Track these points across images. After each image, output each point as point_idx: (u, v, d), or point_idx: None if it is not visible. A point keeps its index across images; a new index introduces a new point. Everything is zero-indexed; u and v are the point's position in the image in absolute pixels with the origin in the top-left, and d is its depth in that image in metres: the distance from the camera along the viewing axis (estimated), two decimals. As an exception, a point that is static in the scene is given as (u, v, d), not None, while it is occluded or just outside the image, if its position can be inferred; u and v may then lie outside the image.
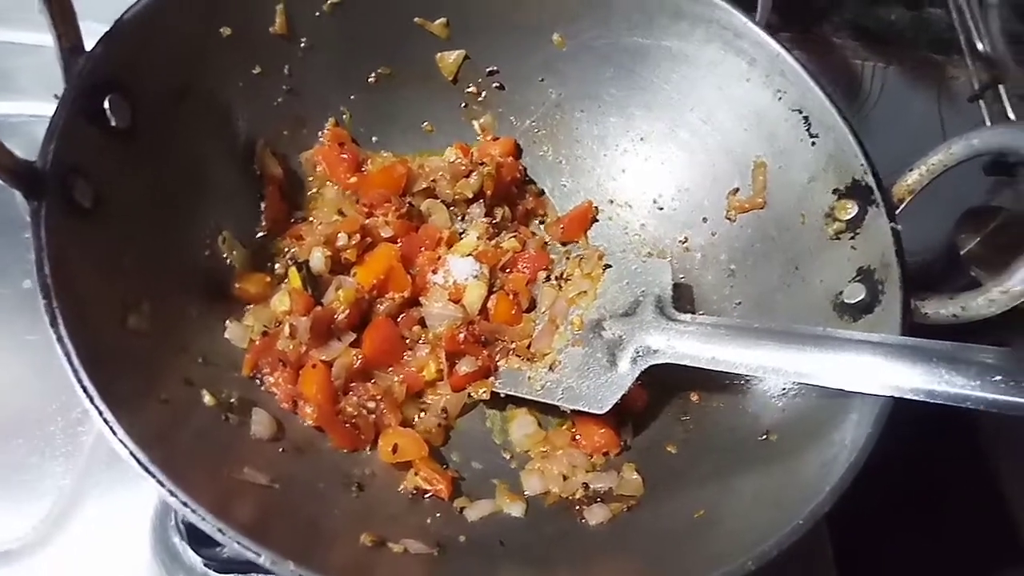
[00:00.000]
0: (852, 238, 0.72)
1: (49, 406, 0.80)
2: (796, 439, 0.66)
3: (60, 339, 0.53)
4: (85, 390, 0.51)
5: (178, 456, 0.55)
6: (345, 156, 0.85)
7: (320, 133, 0.86)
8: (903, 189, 0.72)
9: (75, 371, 0.52)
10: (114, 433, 0.50)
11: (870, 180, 0.72)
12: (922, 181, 0.72)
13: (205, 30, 0.75)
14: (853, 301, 0.70)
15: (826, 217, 0.75)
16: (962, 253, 1.12)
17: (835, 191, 0.74)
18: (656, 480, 0.71)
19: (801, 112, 0.77)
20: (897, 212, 0.71)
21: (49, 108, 1.04)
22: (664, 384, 0.79)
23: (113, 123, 0.65)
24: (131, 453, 0.49)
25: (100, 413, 0.51)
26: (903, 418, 0.60)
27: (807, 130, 0.77)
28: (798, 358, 0.65)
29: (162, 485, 0.49)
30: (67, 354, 0.52)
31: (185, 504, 0.50)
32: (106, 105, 0.65)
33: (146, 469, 0.49)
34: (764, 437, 0.69)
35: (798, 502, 0.57)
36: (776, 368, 0.65)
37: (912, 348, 0.62)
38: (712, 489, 0.67)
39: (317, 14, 0.82)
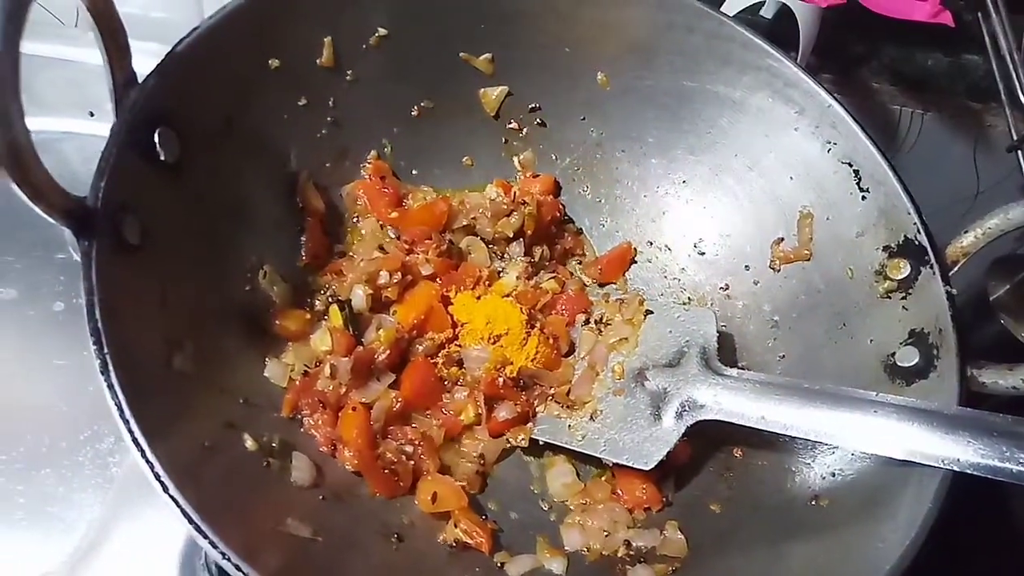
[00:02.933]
0: (904, 298, 0.71)
1: (79, 435, 0.78)
2: (848, 508, 0.65)
3: (111, 387, 0.51)
4: (136, 443, 0.50)
5: (221, 504, 0.53)
6: (386, 190, 0.84)
7: (362, 166, 0.85)
8: (957, 251, 0.71)
9: (126, 422, 0.50)
10: (166, 490, 0.49)
11: (923, 240, 0.71)
12: (977, 244, 0.71)
13: (254, 62, 0.74)
14: (907, 365, 0.69)
15: (876, 274, 0.74)
16: (991, 300, 1.11)
17: (886, 248, 0.73)
18: (700, 541, 0.70)
19: (851, 165, 0.76)
20: (951, 274, 0.70)
21: (78, 124, 1.05)
22: (705, 436, 0.77)
23: (162, 157, 0.64)
24: (186, 514, 0.48)
25: (151, 467, 0.49)
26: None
27: (857, 184, 0.76)
28: (852, 424, 0.64)
29: (214, 547, 0.48)
30: (118, 405, 0.51)
31: (225, 555, 0.49)
32: (156, 139, 0.64)
33: (200, 531, 0.48)
34: (814, 503, 0.68)
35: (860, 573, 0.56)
36: (829, 434, 0.64)
37: (972, 420, 0.60)
38: (760, 555, 0.65)
39: (364, 47, 0.81)
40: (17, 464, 0.77)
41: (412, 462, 0.71)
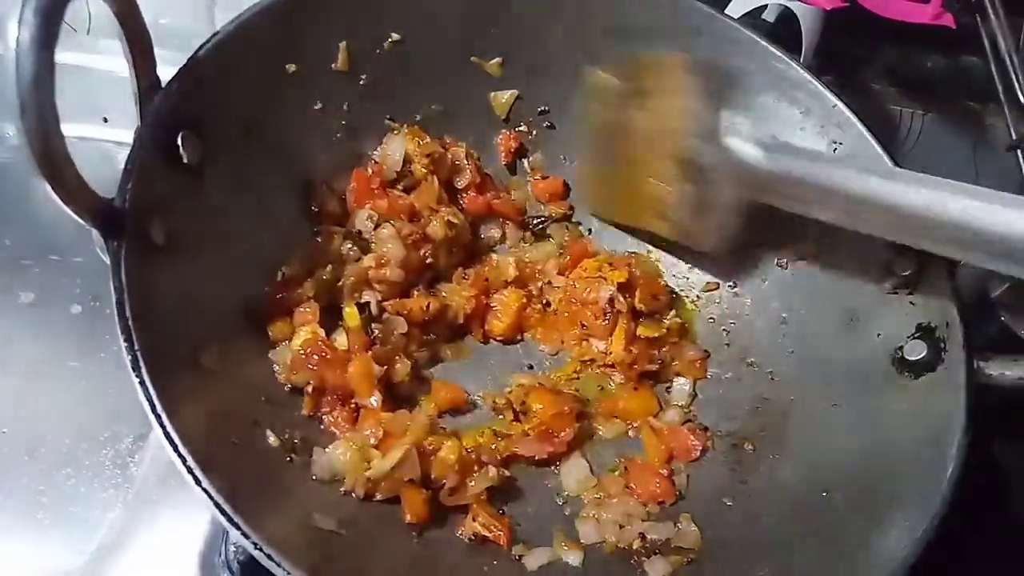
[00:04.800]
0: (911, 293, 0.73)
1: (98, 436, 0.79)
2: (860, 497, 0.66)
3: (143, 383, 0.52)
4: (169, 438, 0.51)
5: (250, 497, 0.54)
6: (375, 187, 0.84)
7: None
8: (963, 247, 0.72)
9: (158, 416, 0.51)
10: (199, 483, 0.50)
11: (928, 236, 0.72)
12: (982, 239, 0.72)
13: (272, 67, 0.76)
14: (914, 358, 0.70)
15: (883, 271, 0.75)
16: (992, 297, 1.12)
17: (892, 245, 0.75)
18: (715, 533, 0.71)
19: (857, 164, 0.78)
20: (956, 270, 0.72)
21: (92, 130, 1.06)
22: (717, 433, 0.80)
23: (185, 160, 0.66)
24: (219, 506, 0.49)
25: (184, 461, 0.51)
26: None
27: (863, 182, 0.77)
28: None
29: (247, 537, 0.49)
30: (149, 399, 0.52)
31: (257, 545, 0.51)
32: (179, 142, 0.65)
33: (233, 522, 0.49)
34: (825, 494, 0.69)
35: (870, 565, 0.57)
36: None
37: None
38: (775, 546, 0.67)
39: (377, 51, 0.83)
40: (39, 465, 0.78)
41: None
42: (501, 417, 0.78)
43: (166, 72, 0.66)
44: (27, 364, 0.84)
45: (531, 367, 0.84)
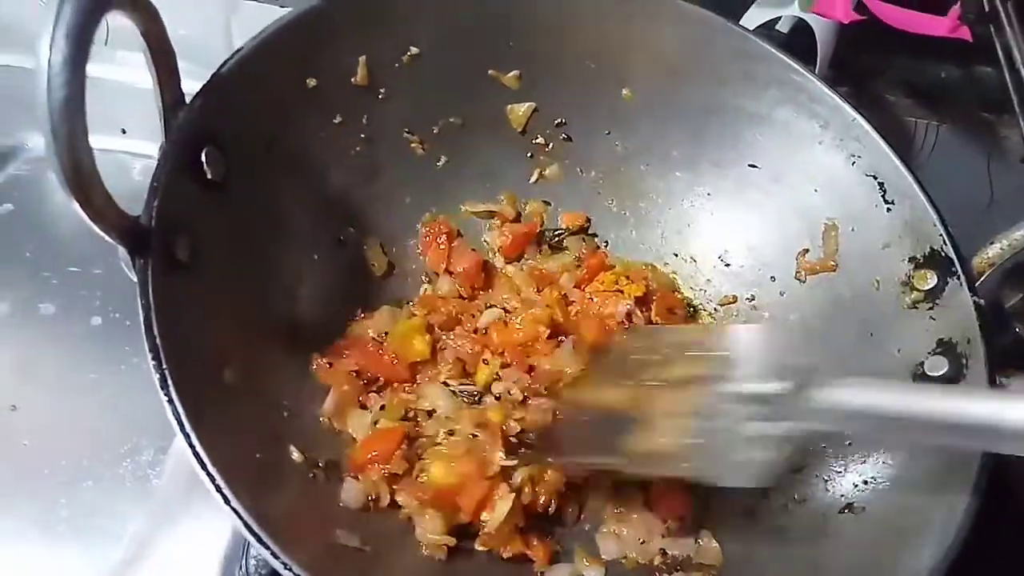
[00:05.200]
0: (931, 308, 0.73)
1: (119, 448, 0.80)
2: (883, 515, 0.66)
3: (171, 401, 0.53)
4: (199, 457, 0.51)
5: (277, 515, 0.55)
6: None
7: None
8: (984, 262, 0.72)
9: (187, 435, 0.52)
10: (228, 503, 0.50)
11: (950, 251, 0.72)
12: (1003, 255, 0.72)
13: (293, 82, 0.76)
14: (936, 374, 0.70)
15: (902, 285, 0.75)
16: (1006, 308, 1.12)
17: (911, 259, 0.75)
18: (736, 550, 0.71)
19: (876, 178, 0.78)
20: (977, 285, 0.72)
21: (111, 141, 1.07)
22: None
23: (209, 176, 0.66)
24: (248, 526, 0.49)
25: (212, 479, 0.51)
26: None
27: (882, 196, 0.78)
28: None
29: (276, 557, 0.49)
30: (178, 418, 0.52)
31: (287, 566, 0.51)
32: (203, 158, 0.65)
33: (262, 542, 0.49)
34: (848, 511, 0.69)
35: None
36: None
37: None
38: (796, 562, 0.67)
39: (396, 65, 0.83)
40: (59, 477, 0.78)
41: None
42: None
43: (185, 84, 0.66)
44: (48, 376, 0.85)
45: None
